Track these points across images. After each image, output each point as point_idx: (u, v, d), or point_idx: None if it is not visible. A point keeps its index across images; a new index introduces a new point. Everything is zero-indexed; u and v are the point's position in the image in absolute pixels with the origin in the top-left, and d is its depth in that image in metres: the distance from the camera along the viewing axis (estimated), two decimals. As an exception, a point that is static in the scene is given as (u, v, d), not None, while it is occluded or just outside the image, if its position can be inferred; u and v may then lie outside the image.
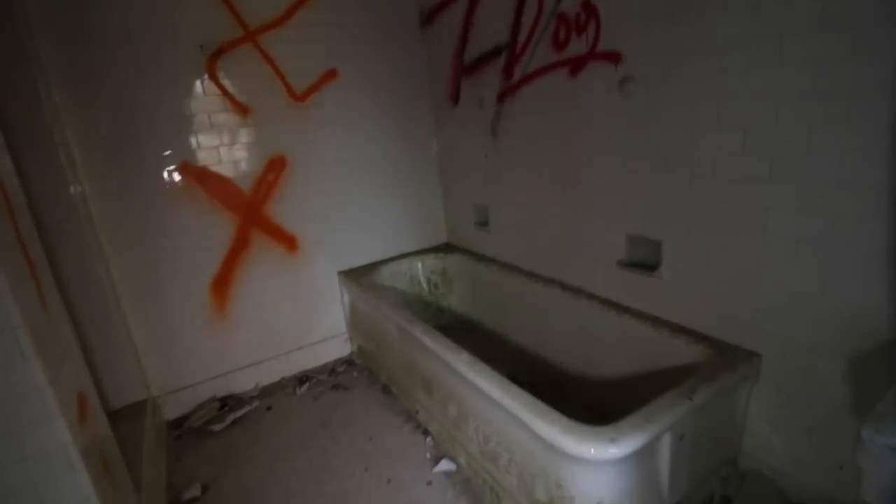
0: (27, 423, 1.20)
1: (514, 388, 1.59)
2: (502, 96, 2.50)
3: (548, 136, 2.30)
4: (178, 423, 2.56)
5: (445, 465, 2.07)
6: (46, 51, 2.07)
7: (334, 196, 2.90)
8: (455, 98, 2.89)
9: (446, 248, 3.32)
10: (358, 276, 2.90)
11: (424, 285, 3.24)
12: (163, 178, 2.39)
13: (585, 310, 2.26)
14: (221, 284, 2.65)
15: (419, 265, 3.21)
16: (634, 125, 1.86)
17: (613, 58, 1.86)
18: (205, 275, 2.59)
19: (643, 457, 1.45)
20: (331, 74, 2.74)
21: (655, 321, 1.96)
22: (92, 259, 2.16)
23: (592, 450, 1.33)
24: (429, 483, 2.00)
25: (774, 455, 1.68)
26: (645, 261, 2.00)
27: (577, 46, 2.00)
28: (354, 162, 2.93)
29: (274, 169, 2.67)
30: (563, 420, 1.42)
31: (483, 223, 2.98)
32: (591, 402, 2.24)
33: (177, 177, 2.42)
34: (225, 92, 2.46)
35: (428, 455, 2.16)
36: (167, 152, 2.37)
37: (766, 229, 1.53)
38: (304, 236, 2.84)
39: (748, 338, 1.67)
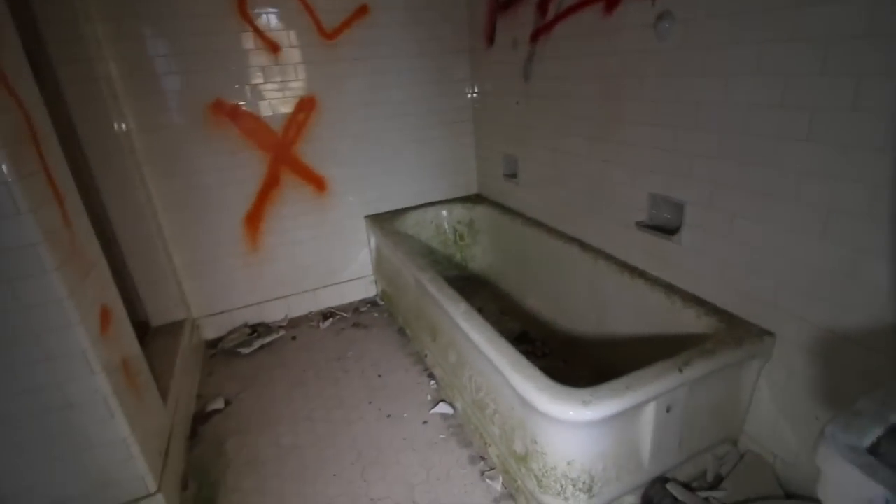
0: (50, 329, 1.36)
1: (500, 342, 1.58)
2: (536, 36, 2.31)
3: (578, 82, 2.11)
4: (213, 344, 2.83)
5: (443, 408, 2.14)
6: (88, -15, 2.16)
7: (363, 139, 2.90)
8: (490, 38, 2.71)
9: (476, 199, 3.25)
10: (383, 222, 2.93)
11: (450, 235, 3.23)
12: (198, 113, 2.49)
13: (601, 271, 2.15)
14: (254, 219, 2.79)
15: (445, 214, 3.19)
16: (667, 71, 1.66)
17: (651, -9, 1.64)
18: (239, 209, 2.74)
19: (622, 423, 1.41)
20: (362, 11, 2.65)
21: (670, 288, 1.84)
22: (134, 188, 2.34)
23: (566, 410, 1.31)
24: (424, 422, 2.09)
25: (777, 440, 1.57)
26: (665, 223, 1.85)
27: (615, -22, 1.78)
28: (385, 105, 2.89)
29: (303, 109, 2.70)
30: (540, 377, 1.40)
31: (512, 175, 2.87)
32: (601, 364, 2.19)
33: (211, 113, 2.51)
34: (255, 29, 2.47)
35: (429, 397, 2.24)
36: (201, 88, 2.46)
37: (797, 196, 1.35)
38: (332, 178, 2.90)
39: (764, 315, 1.53)
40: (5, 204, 1.23)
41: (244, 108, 2.57)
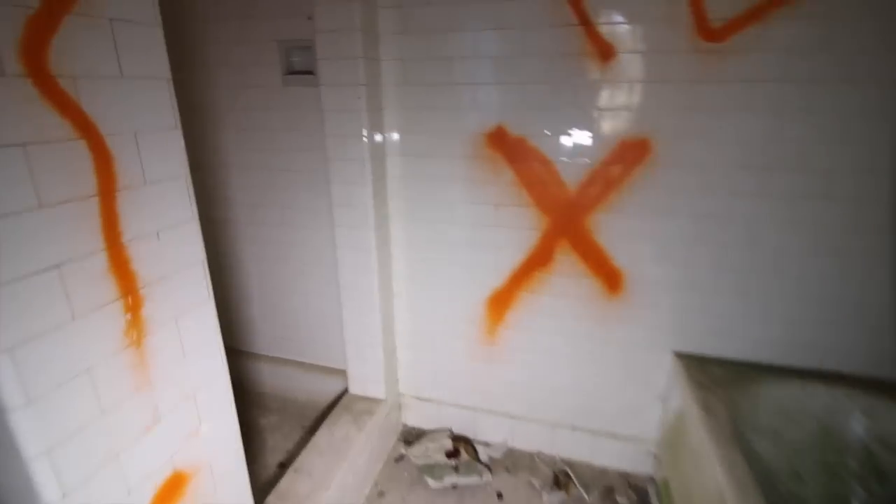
0: None
1: None
2: None
3: None
4: (408, 440, 2.10)
5: None
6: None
7: (713, 224, 1.59)
8: None
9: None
10: (705, 374, 1.57)
11: (853, 460, 1.54)
12: (468, 142, 1.74)
13: None
14: (500, 302, 1.91)
15: (860, 416, 1.52)
16: None
17: None
18: (485, 282, 1.90)
19: None
20: (793, -10, 1.34)
21: None
22: (368, 228, 1.78)
23: None
24: None
25: None
26: None
27: None
28: (781, 171, 1.49)
29: (623, 159, 1.60)
30: None
31: None
32: None
33: (486, 145, 1.72)
34: (584, 20, 1.51)
35: None
36: (484, 107, 1.69)
37: None
38: (636, 275, 1.71)
39: None
40: None
41: (530, 143, 1.67)
